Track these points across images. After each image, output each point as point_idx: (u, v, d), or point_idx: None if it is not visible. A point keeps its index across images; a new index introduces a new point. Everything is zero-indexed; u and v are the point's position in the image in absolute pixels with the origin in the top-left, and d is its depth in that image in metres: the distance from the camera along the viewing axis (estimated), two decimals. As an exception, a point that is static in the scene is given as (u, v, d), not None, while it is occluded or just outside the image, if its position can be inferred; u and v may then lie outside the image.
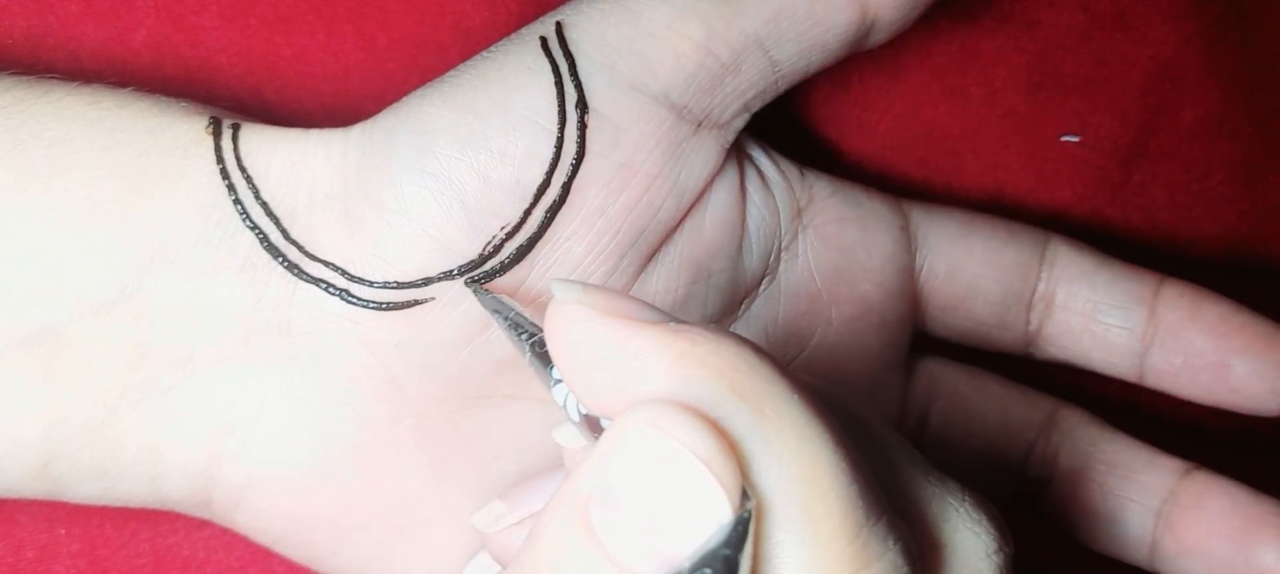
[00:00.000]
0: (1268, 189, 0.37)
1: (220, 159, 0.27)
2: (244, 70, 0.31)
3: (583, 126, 0.28)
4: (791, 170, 0.32)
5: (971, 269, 0.33)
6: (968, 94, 0.36)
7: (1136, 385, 0.33)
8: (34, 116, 0.27)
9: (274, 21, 0.31)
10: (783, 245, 0.31)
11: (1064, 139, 0.36)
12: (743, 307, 0.31)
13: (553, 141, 0.27)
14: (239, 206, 0.27)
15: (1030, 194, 0.36)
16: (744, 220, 0.30)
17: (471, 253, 0.28)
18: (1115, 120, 0.37)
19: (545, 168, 0.28)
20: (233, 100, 0.31)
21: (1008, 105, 0.36)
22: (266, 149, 0.28)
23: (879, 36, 0.30)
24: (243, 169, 0.27)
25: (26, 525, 0.31)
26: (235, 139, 0.28)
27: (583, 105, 0.28)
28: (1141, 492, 0.32)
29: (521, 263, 0.28)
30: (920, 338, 0.34)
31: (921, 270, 0.33)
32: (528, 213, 0.28)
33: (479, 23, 0.32)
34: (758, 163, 0.31)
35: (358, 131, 0.28)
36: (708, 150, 0.29)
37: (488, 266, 0.28)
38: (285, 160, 0.28)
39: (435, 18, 0.32)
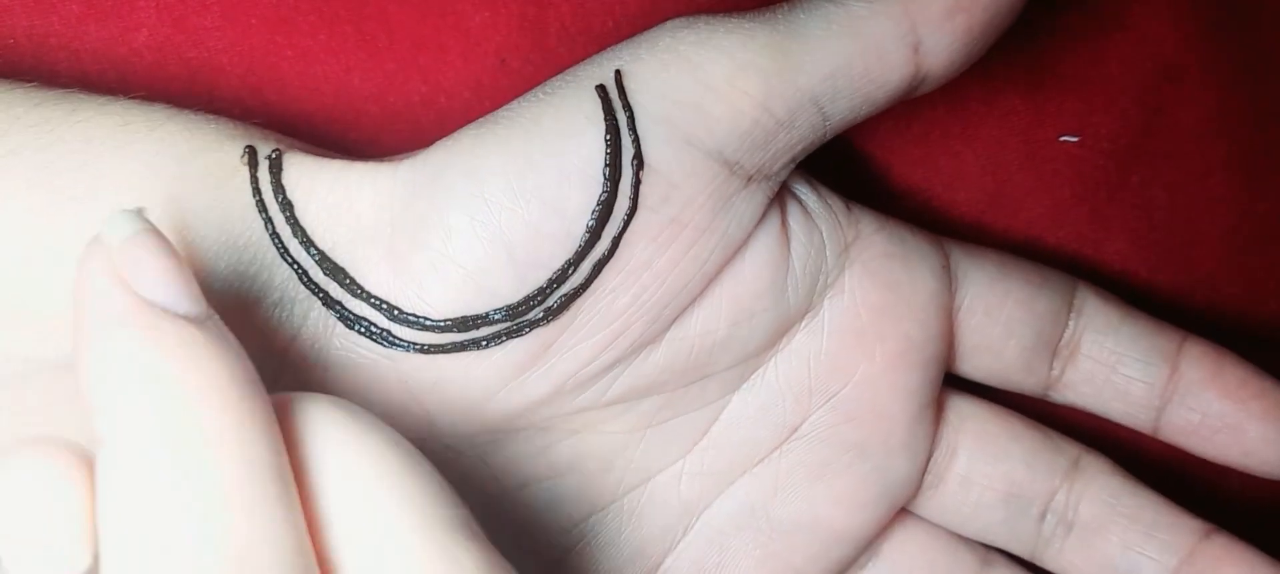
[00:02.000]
0: (1267, 189, 0.37)
1: (257, 191, 0.27)
2: (245, 70, 0.32)
3: (638, 182, 0.27)
4: (838, 204, 0.32)
5: (1008, 311, 0.33)
6: (967, 94, 0.36)
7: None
8: (62, 138, 0.26)
9: (275, 22, 0.32)
10: (829, 281, 0.31)
11: (1063, 139, 0.36)
12: (784, 340, 0.31)
13: (606, 195, 0.27)
14: (277, 241, 0.27)
15: (1030, 194, 0.36)
16: (788, 258, 0.30)
17: (515, 300, 0.27)
18: (1115, 120, 0.37)
19: (596, 220, 0.27)
20: (235, 100, 0.32)
21: (1007, 105, 0.36)
22: (306, 181, 0.27)
23: (927, 88, 0.29)
24: (282, 202, 0.27)
25: (29, 524, 0.32)
26: (273, 170, 0.27)
27: (639, 160, 0.27)
28: (1160, 550, 0.32)
29: (565, 312, 0.28)
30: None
31: (960, 310, 0.33)
32: (575, 265, 0.27)
33: (479, 23, 0.32)
34: (802, 197, 0.31)
35: (406, 168, 0.28)
36: (755, 202, 0.29)
37: (531, 316, 0.28)
38: (326, 195, 0.27)
39: (436, 18, 0.32)
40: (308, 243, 0.27)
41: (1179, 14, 0.36)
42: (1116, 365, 0.33)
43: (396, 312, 0.27)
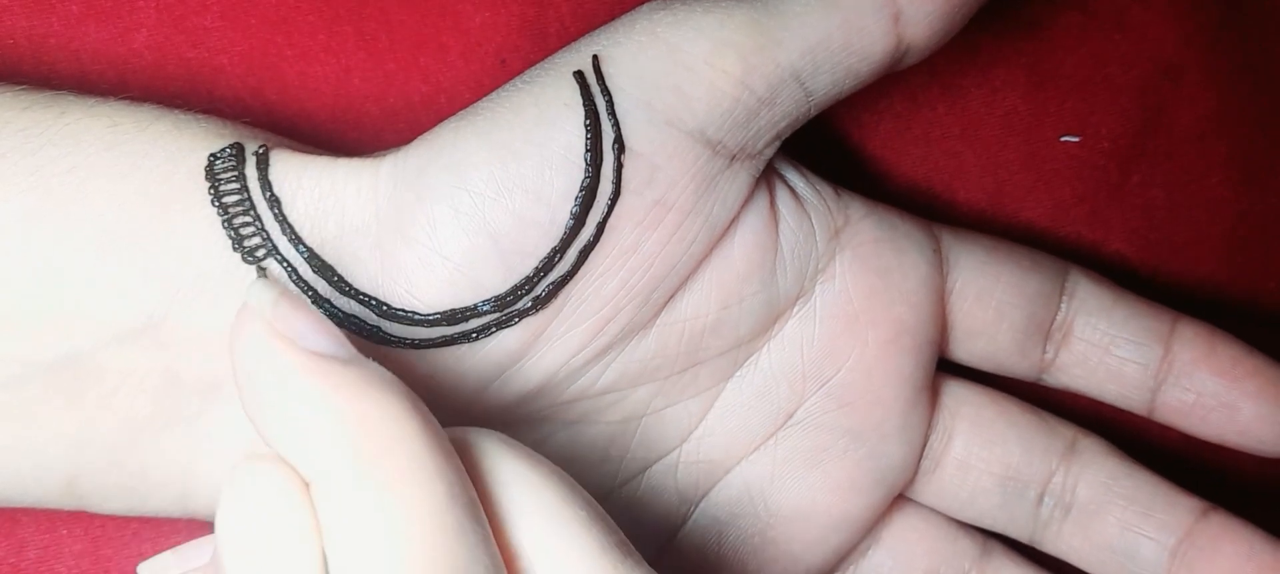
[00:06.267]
0: (1267, 189, 0.37)
1: (244, 188, 0.27)
2: (245, 70, 0.32)
3: (619, 165, 0.27)
4: (827, 190, 0.32)
5: (999, 294, 0.33)
6: (967, 94, 0.36)
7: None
8: (51, 141, 0.26)
9: (275, 22, 0.32)
10: (819, 266, 0.31)
11: (1063, 139, 0.36)
12: (776, 326, 0.31)
13: (588, 180, 0.27)
14: (266, 239, 0.27)
15: (1030, 194, 0.36)
16: (776, 242, 0.30)
17: (503, 290, 0.27)
18: (1115, 120, 0.37)
19: (580, 206, 0.27)
20: (235, 100, 0.31)
21: (1007, 105, 0.36)
22: (292, 178, 0.27)
23: (912, 60, 0.29)
24: (269, 198, 0.27)
25: (28, 526, 0.32)
26: (260, 166, 0.27)
27: (620, 144, 0.27)
28: (1158, 530, 0.32)
29: (554, 299, 0.28)
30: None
31: (951, 293, 0.33)
32: (561, 252, 0.27)
33: (479, 23, 0.32)
34: (791, 182, 0.31)
35: (389, 164, 0.27)
36: (740, 182, 0.29)
37: (520, 305, 0.28)
38: (313, 191, 0.27)
39: (436, 18, 0.32)
40: (296, 240, 0.27)
41: (1179, 14, 0.36)
42: (1110, 347, 0.33)
43: (385, 308, 0.27)
